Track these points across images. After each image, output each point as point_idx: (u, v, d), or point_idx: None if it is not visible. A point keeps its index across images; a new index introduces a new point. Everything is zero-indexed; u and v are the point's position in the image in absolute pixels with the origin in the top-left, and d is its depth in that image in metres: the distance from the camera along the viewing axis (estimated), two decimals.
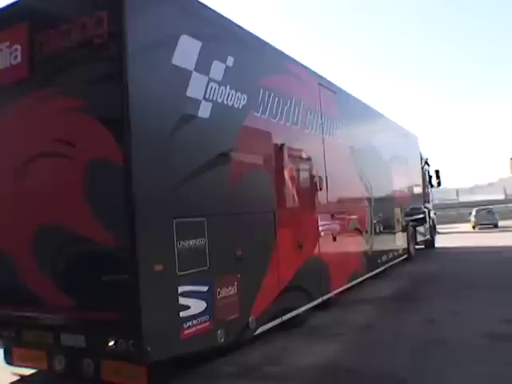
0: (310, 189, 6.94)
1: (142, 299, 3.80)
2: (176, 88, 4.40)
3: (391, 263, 10.92)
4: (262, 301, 5.38)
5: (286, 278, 5.96)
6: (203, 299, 4.49)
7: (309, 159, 6.95)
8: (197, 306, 4.40)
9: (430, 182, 16.68)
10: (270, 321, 5.58)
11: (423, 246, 15.57)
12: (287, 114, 6.36)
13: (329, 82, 8.07)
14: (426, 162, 16.29)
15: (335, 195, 7.77)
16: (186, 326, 4.24)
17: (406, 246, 12.31)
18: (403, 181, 12.56)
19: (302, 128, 6.81)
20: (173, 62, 4.35)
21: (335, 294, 7.56)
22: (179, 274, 4.20)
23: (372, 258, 9.40)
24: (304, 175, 6.82)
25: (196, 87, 4.61)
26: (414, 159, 14.11)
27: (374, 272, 9.57)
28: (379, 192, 10.15)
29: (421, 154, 15.40)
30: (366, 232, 9.21)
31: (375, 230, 9.67)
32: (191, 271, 4.35)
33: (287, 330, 6.14)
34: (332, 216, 7.59)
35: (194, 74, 4.60)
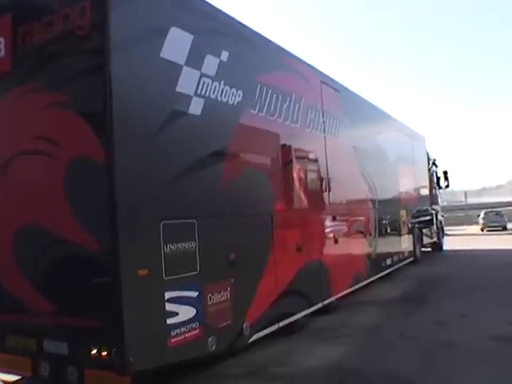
0: (310, 190, 6.70)
1: (124, 306, 3.57)
2: (165, 83, 4.17)
3: (396, 266, 10.63)
4: (257, 306, 5.14)
5: (284, 283, 5.72)
6: (193, 305, 4.26)
7: (309, 159, 6.72)
8: (185, 312, 4.17)
9: (438, 183, 16.36)
10: (266, 327, 5.33)
11: (430, 249, 15.28)
12: (286, 112, 6.11)
13: (332, 79, 7.82)
14: (434, 163, 15.98)
15: (337, 196, 7.52)
16: (173, 333, 4.01)
17: (411, 248, 12.02)
18: (409, 182, 12.26)
19: (303, 127, 6.56)
20: (161, 56, 4.12)
21: (337, 299, 7.31)
22: (166, 278, 3.98)
23: (376, 261, 9.13)
24: (304, 176, 6.57)
25: (187, 82, 4.39)
26: (420, 160, 13.79)
27: (378, 275, 9.30)
28: (384, 193, 9.87)
29: (428, 155, 15.09)
30: (370, 234, 8.94)
31: (379, 232, 9.40)
32: (179, 276, 4.13)
33: (293, 332, 6.07)
34: (334, 218, 7.34)
35: (185, 68, 4.37)
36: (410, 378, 4.52)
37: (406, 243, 11.49)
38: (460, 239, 20.95)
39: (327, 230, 7.12)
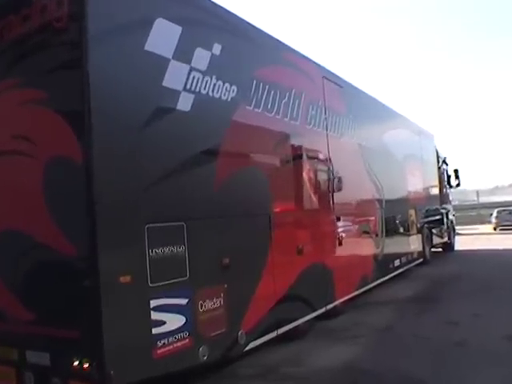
0: (312, 189, 6.43)
1: (103, 315, 3.33)
2: (149, 77, 3.93)
3: (405, 268, 10.30)
4: (253, 313, 4.88)
5: (283, 287, 5.45)
6: (182, 313, 4.01)
7: (310, 157, 6.44)
8: (174, 320, 3.92)
9: (449, 182, 15.97)
10: (264, 334, 5.06)
11: (441, 249, 14.91)
12: (285, 109, 5.84)
13: (335, 75, 7.53)
14: (444, 161, 15.59)
15: (341, 196, 7.21)
16: (159, 343, 3.76)
17: (421, 249, 11.67)
18: (418, 181, 11.90)
19: (303, 124, 6.29)
20: (146, 49, 3.87)
21: (341, 303, 7.02)
22: (152, 285, 3.73)
23: (383, 263, 8.82)
24: (305, 174, 6.31)
25: (174, 77, 4.14)
26: (429, 158, 13.40)
27: (385, 278, 8.98)
28: (391, 192, 9.54)
29: (438, 153, 14.72)
30: (377, 235, 8.63)
31: (386, 232, 9.08)
32: (167, 282, 3.88)
33: (305, 332, 6.08)
34: (337, 218, 7.04)
35: (173, 62, 4.13)
36: (423, 378, 4.48)
37: (414, 244, 11.14)
38: (472, 238, 20.56)
39: (330, 231, 6.84)
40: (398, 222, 10.07)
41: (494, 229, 26.21)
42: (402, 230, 10.39)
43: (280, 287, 5.38)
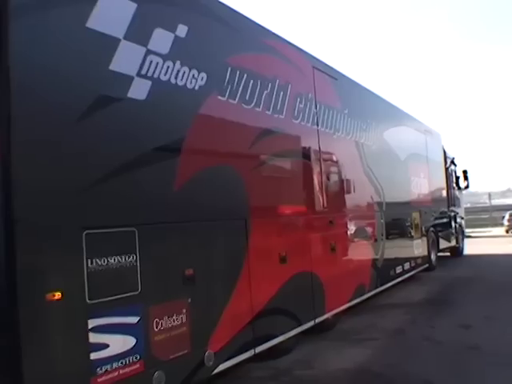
0: (300, 190, 5.85)
1: (23, 340, 2.78)
2: (92, 60, 3.36)
3: (408, 274, 9.65)
4: (225, 330, 4.30)
5: (263, 300, 4.86)
6: (131, 334, 3.44)
7: (298, 154, 5.86)
8: (120, 343, 3.35)
9: (458, 183, 15.24)
10: (238, 354, 4.46)
11: (449, 254, 14.22)
12: (267, 101, 5.26)
13: (327, 66, 6.92)
14: (453, 162, 14.85)
15: (334, 198, 6.64)
16: (100, 370, 3.19)
17: (426, 254, 11.00)
18: (423, 182, 11.22)
19: (289, 118, 5.69)
20: (88, 26, 3.32)
21: (333, 316, 6.41)
22: (90, 302, 3.17)
23: (383, 270, 8.17)
24: (291, 174, 5.72)
25: (125, 60, 3.57)
26: (436, 158, 12.68)
27: (385, 286, 8.34)
28: (393, 194, 8.90)
29: (445, 153, 14.01)
30: (376, 240, 8.00)
31: (387, 237, 8.44)
32: (111, 298, 3.31)
33: (317, 335, 6.07)
34: (330, 222, 6.44)
35: (124, 42, 3.57)
36: (436, 382, 4.45)
37: (419, 249, 10.47)
38: (483, 241, 20.10)
39: (321, 237, 6.24)
40: (400, 225, 9.45)
41: (506, 231, 25.49)
42: (404, 234, 9.77)
43: (258, 300, 4.79)
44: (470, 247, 15.85)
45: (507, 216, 26.19)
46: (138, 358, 3.47)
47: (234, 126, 4.76)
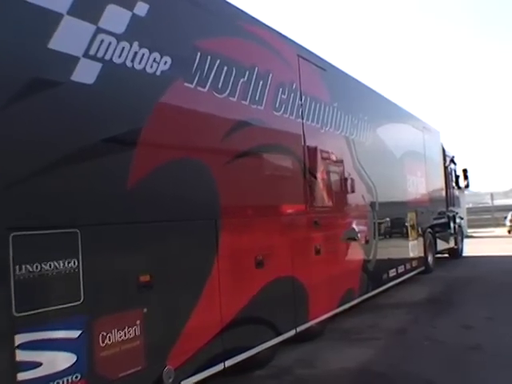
0: (280, 188, 5.39)
1: None
2: (26, 36, 2.93)
3: (402, 278, 9.20)
4: (188, 343, 3.86)
5: (234, 309, 4.43)
6: (70, 350, 3.01)
7: (279, 149, 5.40)
8: (56, 360, 2.92)
9: (457, 182, 14.77)
10: (204, 369, 4.02)
11: (448, 255, 13.78)
12: (244, 90, 4.82)
13: (315, 55, 6.46)
14: (452, 161, 14.37)
15: (320, 197, 6.20)
16: None
17: (422, 256, 10.55)
18: (420, 181, 10.76)
19: (269, 109, 5.25)
20: None
21: (318, 323, 5.97)
22: (18, 315, 2.74)
23: (374, 274, 7.73)
24: (270, 170, 5.26)
25: (69, 38, 3.14)
26: (434, 157, 12.19)
27: (377, 290, 7.90)
28: (387, 194, 8.45)
29: (445, 152, 13.53)
30: (367, 242, 7.54)
31: (380, 238, 8.00)
32: (45, 310, 2.89)
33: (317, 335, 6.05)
34: (315, 223, 5.99)
35: (67, 18, 3.13)
36: (437, 382, 4.45)
37: (414, 250, 10.01)
38: (485, 241, 19.73)
39: (304, 238, 5.79)
40: (394, 226, 8.98)
41: (509, 232, 25.05)
42: (399, 235, 9.31)
43: (229, 308, 4.36)
44: (472, 247, 15.41)
45: (509, 216, 25.73)
46: (79, 377, 3.04)
47: (204, 116, 4.32)
